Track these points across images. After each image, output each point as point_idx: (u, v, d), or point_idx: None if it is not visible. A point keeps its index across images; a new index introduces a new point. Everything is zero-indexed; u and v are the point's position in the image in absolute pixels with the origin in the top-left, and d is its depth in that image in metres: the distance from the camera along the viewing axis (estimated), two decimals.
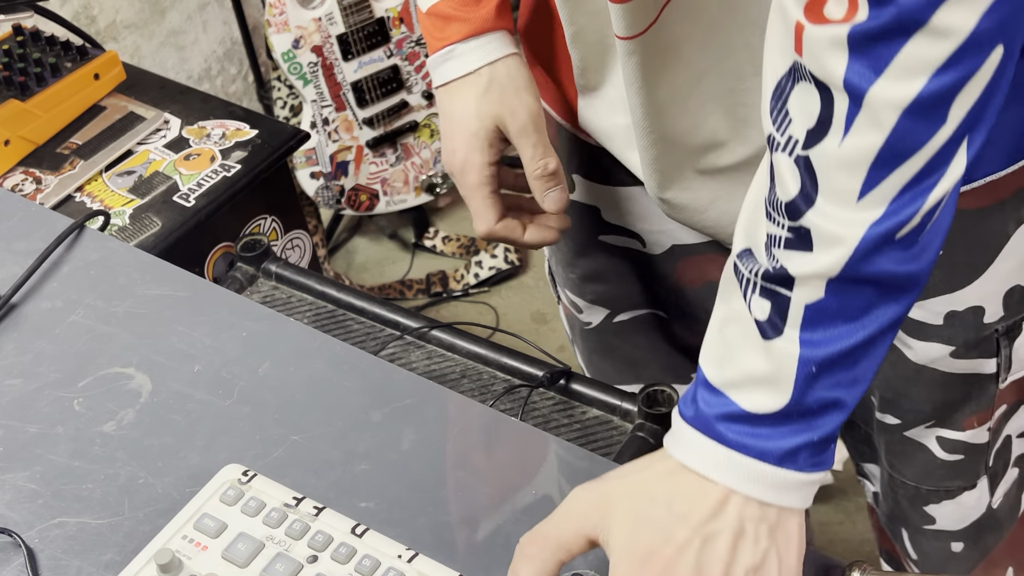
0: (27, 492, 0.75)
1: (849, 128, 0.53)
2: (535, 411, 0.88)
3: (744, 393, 0.59)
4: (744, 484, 0.59)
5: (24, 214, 0.98)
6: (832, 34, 0.52)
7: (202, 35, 2.38)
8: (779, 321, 0.58)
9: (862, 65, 0.51)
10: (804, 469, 0.59)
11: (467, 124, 0.87)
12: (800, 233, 0.56)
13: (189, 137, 1.39)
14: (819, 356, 0.57)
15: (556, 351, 2.06)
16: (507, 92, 0.86)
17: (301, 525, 0.68)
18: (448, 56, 0.87)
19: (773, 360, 0.58)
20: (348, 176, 2.10)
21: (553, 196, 0.87)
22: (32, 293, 0.90)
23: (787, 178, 0.56)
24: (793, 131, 0.55)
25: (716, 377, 0.60)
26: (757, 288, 0.58)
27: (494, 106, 0.86)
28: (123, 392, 0.81)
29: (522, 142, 0.87)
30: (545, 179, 0.87)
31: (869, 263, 0.55)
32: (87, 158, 1.35)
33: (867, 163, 0.53)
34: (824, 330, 0.57)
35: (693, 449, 0.60)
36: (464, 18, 0.86)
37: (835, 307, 0.56)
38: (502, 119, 0.87)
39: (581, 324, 1.06)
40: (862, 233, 0.54)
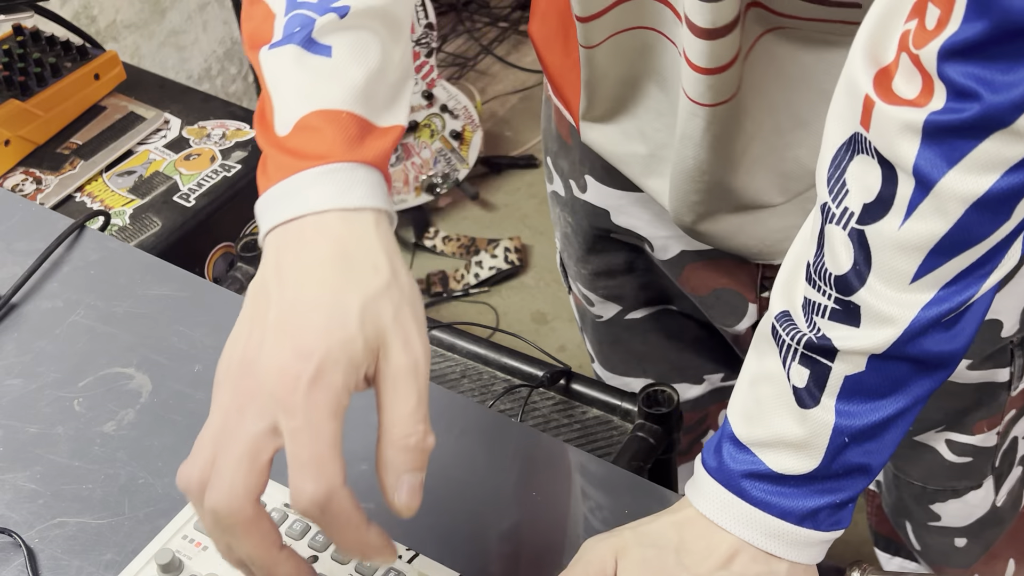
0: (27, 492, 0.75)
1: (912, 212, 0.53)
2: (535, 411, 0.88)
3: (773, 454, 0.60)
4: (762, 540, 0.60)
5: (24, 214, 0.98)
6: (906, 118, 0.51)
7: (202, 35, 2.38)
8: (817, 390, 0.58)
9: (935, 154, 0.51)
10: (823, 528, 0.60)
11: (337, 317, 0.54)
12: (849, 308, 0.56)
13: (189, 137, 1.39)
14: (853, 427, 0.58)
15: (556, 351, 2.06)
16: (399, 293, 0.56)
17: (301, 525, 0.68)
18: (316, 181, 0.56)
19: (807, 427, 0.59)
20: None
21: (412, 485, 0.55)
22: (32, 293, 0.90)
23: (839, 251, 0.56)
24: (849, 203, 0.55)
25: (745, 434, 0.61)
26: (797, 356, 0.59)
27: (383, 312, 0.55)
28: (123, 392, 0.81)
29: (402, 386, 0.55)
30: (414, 454, 0.55)
31: (915, 344, 0.56)
32: (87, 158, 1.35)
33: (926, 249, 0.53)
34: (860, 402, 0.58)
35: (714, 501, 0.61)
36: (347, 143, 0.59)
37: (874, 381, 0.57)
38: (386, 339, 0.55)
39: (592, 316, 1.06)
40: (914, 315, 0.55)
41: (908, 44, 0.52)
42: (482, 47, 2.73)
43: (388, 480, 0.55)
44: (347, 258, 0.55)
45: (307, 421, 0.52)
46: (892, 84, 0.53)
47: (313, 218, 0.55)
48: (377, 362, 0.55)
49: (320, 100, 0.59)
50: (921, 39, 0.51)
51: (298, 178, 0.56)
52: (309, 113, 0.58)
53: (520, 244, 2.27)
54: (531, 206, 2.40)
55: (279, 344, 0.54)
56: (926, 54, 0.50)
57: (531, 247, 2.30)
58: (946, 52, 0.49)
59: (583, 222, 0.97)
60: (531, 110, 2.65)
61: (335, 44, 0.61)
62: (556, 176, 0.98)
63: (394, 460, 0.55)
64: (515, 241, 2.26)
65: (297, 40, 0.60)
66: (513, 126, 2.61)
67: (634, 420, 0.86)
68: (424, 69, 2.14)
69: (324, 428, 0.53)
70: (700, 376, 1.06)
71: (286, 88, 0.60)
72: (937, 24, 0.50)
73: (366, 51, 0.61)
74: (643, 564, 0.61)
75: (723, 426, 0.63)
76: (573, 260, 1.03)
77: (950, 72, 0.49)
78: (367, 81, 0.60)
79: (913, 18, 0.52)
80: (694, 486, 0.63)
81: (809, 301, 0.58)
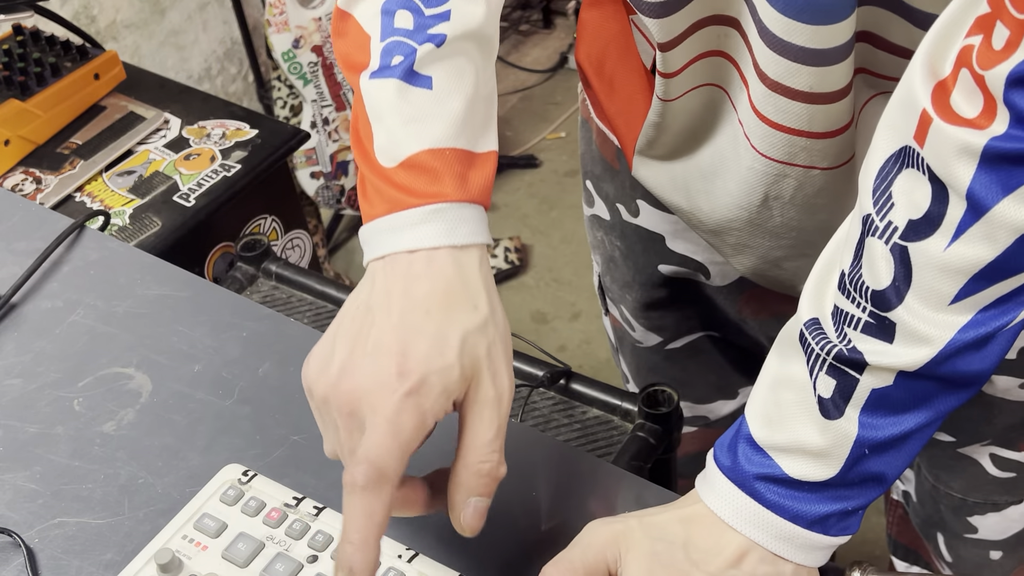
0: (27, 492, 0.75)
1: (959, 235, 0.52)
2: (535, 411, 0.88)
3: (791, 460, 0.59)
4: (771, 542, 0.60)
5: (24, 214, 0.98)
6: (965, 140, 0.50)
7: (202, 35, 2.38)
8: (842, 402, 0.58)
9: (991, 179, 0.50)
10: (832, 533, 0.60)
11: (438, 346, 0.58)
12: (884, 323, 0.56)
13: (189, 137, 1.39)
14: (875, 439, 0.58)
15: (556, 351, 2.06)
16: (495, 330, 0.61)
17: (301, 525, 0.68)
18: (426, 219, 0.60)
19: (829, 437, 0.58)
20: (348, 176, 2.10)
21: (478, 508, 0.59)
22: (32, 293, 0.90)
23: (880, 266, 0.55)
24: (894, 217, 0.54)
25: (763, 437, 0.60)
26: (825, 366, 0.58)
27: (479, 346, 0.59)
28: (123, 392, 0.81)
29: (486, 415, 0.59)
30: (486, 480, 0.59)
31: (947, 364, 0.55)
32: (87, 158, 1.35)
33: (970, 273, 0.52)
34: (883, 416, 0.57)
35: (727, 500, 0.61)
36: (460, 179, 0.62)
37: (900, 395, 0.57)
38: (479, 371, 0.59)
39: (632, 340, 1.05)
40: (950, 337, 0.54)
41: (972, 61, 0.50)
42: None
43: (457, 499, 0.59)
44: (451, 294, 0.59)
45: (391, 419, 0.56)
46: (950, 100, 0.51)
47: (424, 253, 0.60)
48: (468, 391, 0.59)
49: (426, 138, 0.61)
50: (987, 59, 0.49)
51: (408, 214, 0.60)
52: (418, 152, 0.61)
53: (520, 244, 2.27)
54: (531, 206, 2.40)
55: (379, 362, 0.58)
56: (993, 76, 0.49)
57: (531, 247, 2.30)
58: (1016, 79, 0.48)
59: (636, 247, 0.95)
60: (531, 110, 2.65)
61: (435, 75, 0.63)
62: (599, 200, 0.96)
63: (467, 482, 0.59)
64: (515, 241, 2.26)
65: (399, 74, 0.63)
66: (513, 126, 2.61)
67: (634, 420, 0.85)
68: None
69: (403, 430, 0.56)
70: (735, 391, 1.06)
71: (391, 122, 0.62)
72: (1007, 45, 0.48)
73: (462, 78, 0.64)
74: (652, 558, 0.60)
75: (739, 425, 0.62)
76: (618, 285, 1.01)
77: (1017, 99, 0.48)
78: (466, 111, 0.63)
79: (976, 33, 0.51)
80: (705, 482, 0.63)
81: (840, 311, 0.58)
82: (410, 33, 0.64)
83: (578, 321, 2.15)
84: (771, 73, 0.67)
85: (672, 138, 0.79)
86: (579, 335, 2.12)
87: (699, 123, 0.78)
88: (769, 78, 0.67)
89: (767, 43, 0.66)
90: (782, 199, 0.75)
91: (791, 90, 0.67)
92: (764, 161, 0.72)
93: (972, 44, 0.51)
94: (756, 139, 0.72)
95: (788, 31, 0.64)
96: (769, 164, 0.72)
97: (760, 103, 0.69)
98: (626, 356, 1.09)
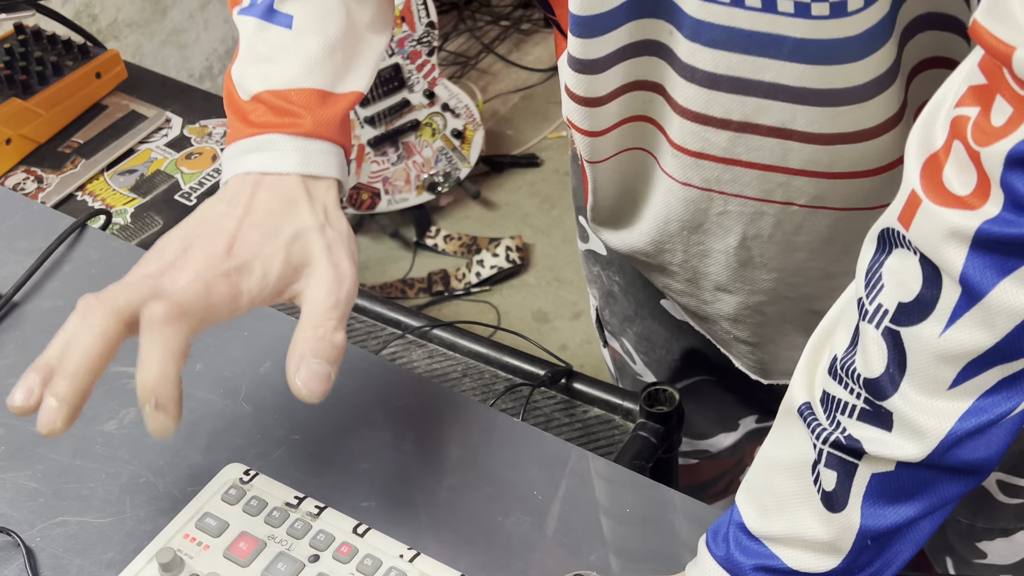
0: (28, 491, 0.75)
1: (955, 320, 0.49)
2: (536, 410, 0.88)
3: (790, 551, 0.57)
4: None
5: (25, 213, 0.98)
6: (955, 223, 0.47)
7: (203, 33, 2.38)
8: (844, 492, 0.55)
9: (985, 264, 0.47)
10: None
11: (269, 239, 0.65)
12: (880, 412, 0.53)
13: (191, 136, 1.39)
14: (878, 528, 0.55)
15: (558, 350, 2.06)
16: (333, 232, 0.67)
17: (303, 524, 0.68)
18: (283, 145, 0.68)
19: (832, 530, 0.56)
20: (349, 175, 2.10)
21: (313, 369, 0.62)
22: (33, 292, 0.90)
23: (872, 353, 0.52)
24: (883, 300, 0.51)
25: (758, 527, 0.58)
26: (824, 456, 0.55)
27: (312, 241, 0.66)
28: (125, 391, 0.81)
29: (324, 290, 0.64)
30: (321, 344, 0.62)
31: (949, 455, 0.52)
32: (89, 157, 1.35)
33: (968, 358, 0.49)
34: (885, 504, 0.54)
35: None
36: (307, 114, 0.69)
37: (901, 482, 0.54)
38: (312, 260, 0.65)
39: (633, 372, 1.04)
40: (950, 427, 0.51)
41: (967, 135, 0.47)
42: (483, 46, 2.73)
43: (291, 363, 0.62)
44: (293, 202, 0.66)
45: (207, 280, 0.62)
46: (942, 176, 0.48)
47: (274, 176, 0.67)
48: (304, 275, 0.65)
49: (274, 79, 0.68)
50: (985, 135, 0.46)
51: (261, 139, 0.68)
52: (263, 91, 0.68)
53: (522, 243, 2.27)
54: (532, 205, 2.40)
55: (216, 240, 0.64)
56: (989, 155, 0.45)
57: (533, 246, 2.30)
58: (1016, 159, 0.44)
59: (636, 281, 0.93)
60: (533, 109, 2.65)
61: (296, 13, 0.69)
62: (593, 236, 0.94)
63: (303, 344, 0.62)
64: (517, 240, 2.26)
65: (259, 12, 0.70)
66: (515, 125, 2.61)
67: (636, 419, 0.85)
68: (425, 68, 2.14)
69: (214, 292, 0.62)
70: (736, 423, 1.05)
71: (246, 59, 0.70)
72: (1008, 123, 0.45)
73: (325, 18, 0.69)
74: None
75: (730, 513, 0.60)
76: (619, 319, 0.99)
77: (1015, 182, 0.45)
78: (324, 51, 0.68)
79: (973, 104, 0.47)
80: (697, 569, 0.61)
81: (831, 397, 0.55)
82: None
83: (579, 320, 2.15)
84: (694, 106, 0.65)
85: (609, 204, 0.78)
86: (580, 334, 2.12)
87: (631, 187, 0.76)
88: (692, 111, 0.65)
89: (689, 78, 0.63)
90: (760, 238, 0.72)
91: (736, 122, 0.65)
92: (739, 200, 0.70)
93: (967, 116, 0.47)
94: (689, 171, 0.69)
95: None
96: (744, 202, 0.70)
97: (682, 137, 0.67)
98: (627, 386, 1.07)
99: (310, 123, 0.67)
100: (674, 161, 0.69)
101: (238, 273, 0.63)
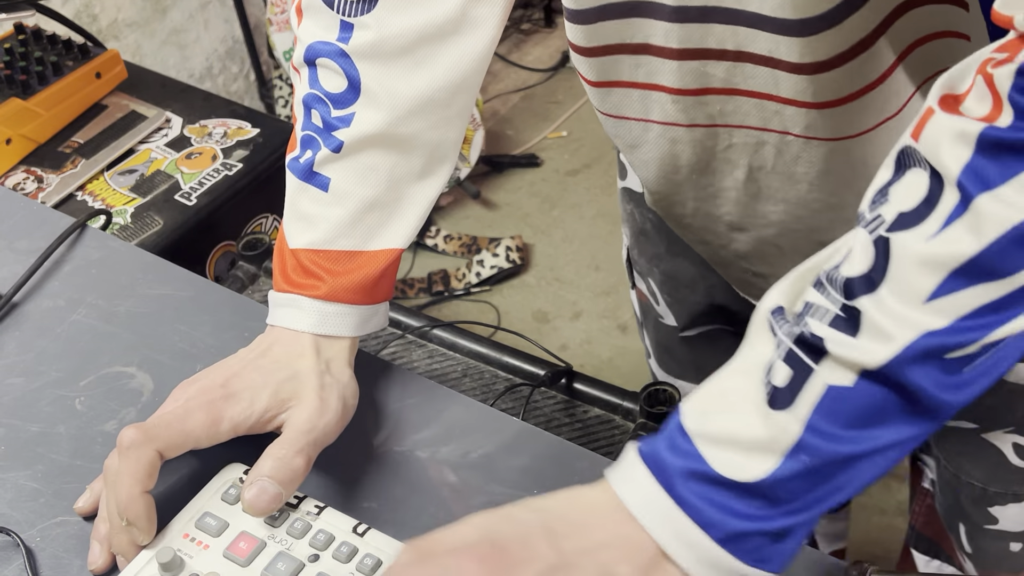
0: (28, 491, 0.75)
1: (946, 226, 0.49)
2: (536, 410, 0.88)
3: (721, 453, 0.53)
4: (675, 545, 0.54)
5: (26, 213, 0.98)
6: (961, 127, 0.49)
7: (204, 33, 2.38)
8: (793, 395, 0.53)
9: (985, 169, 0.48)
10: (744, 559, 0.53)
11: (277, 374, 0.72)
12: (851, 317, 0.52)
13: (191, 136, 1.39)
14: (818, 450, 0.52)
15: (558, 350, 2.06)
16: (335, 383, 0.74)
17: (302, 524, 0.68)
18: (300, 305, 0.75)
19: (769, 429, 0.53)
20: None
21: (264, 488, 0.67)
22: (34, 292, 0.90)
23: (857, 255, 0.52)
24: (884, 211, 0.52)
25: (695, 425, 0.55)
26: (784, 352, 0.53)
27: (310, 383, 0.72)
28: (125, 391, 0.81)
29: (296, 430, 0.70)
30: (278, 465, 0.68)
31: (910, 370, 0.50)
32: (89, 157, 1.34)
33: (950, 268, 0.49)
34: (833, 425, 0.52)
35: (634, 486, 0.55)
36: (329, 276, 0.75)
37: (855, 404, 0.52)
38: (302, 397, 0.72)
39: (656, 315, 1.06)
40: (914, 337, 0.50)
41: (986, 68, 0.50)
42: None
43: (249, 476, 0.68)
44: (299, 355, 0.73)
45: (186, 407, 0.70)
46: (961, 105, 0.50)
47: (291, 332, 0.75)
48: (289, 409, 0.71)
49: (309, 238, 0.75)
50: (1000, 63, 0.49)
51: (288, 297, 0.75)
52: (299, 248, 0.75)
53: (522, 243, 2.27)
54: (533, 205, 2.40)
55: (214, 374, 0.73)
56: (1000, 74, 0.48)
57: (533, 246, 2.30)
58: (1021, 71, 0.47)
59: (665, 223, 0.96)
60: (532, 109, 2.65)
61: (334, 176, 0.75)
62: (631, 172, 0.97)
63: (264, 463, 0.68)
64: (517, 240, 2.26)
65: (300, 173, 0.76)
66: (515, 125, 2.61)
67: (636, 419, 0.85)
68: None
69: (191, 418, 0.69)
70: None
71: (290, 213, 0.77)
72: (1014, 48, 0.48)
73: (364, 179, 0.75)
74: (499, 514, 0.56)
75: (672, 416, 0.57)
76: (646, 258, 1.02)
77: (1018, 93, 0.47)
78: (356, 214, 0.75)
79: (1004, 52, 0.50)
80: (617, 468, 0.57)
81: (809, 304, 0.54)
82: (320, 131, 0.75)
83: (580, 320, 2.15)
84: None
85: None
86: (581, 334, 2.12)
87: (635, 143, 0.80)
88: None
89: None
90: (764, 169, 0.75)
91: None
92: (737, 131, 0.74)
93: (992, 58, 0.50)
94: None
95: None
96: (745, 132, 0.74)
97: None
98: (649, 331, 1.10)
99: (326, 289, 0.74)
100: (674, 107, 0.73)
101: (224, 401, 0.70)
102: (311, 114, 0.76)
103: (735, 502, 0.53)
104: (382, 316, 0.78)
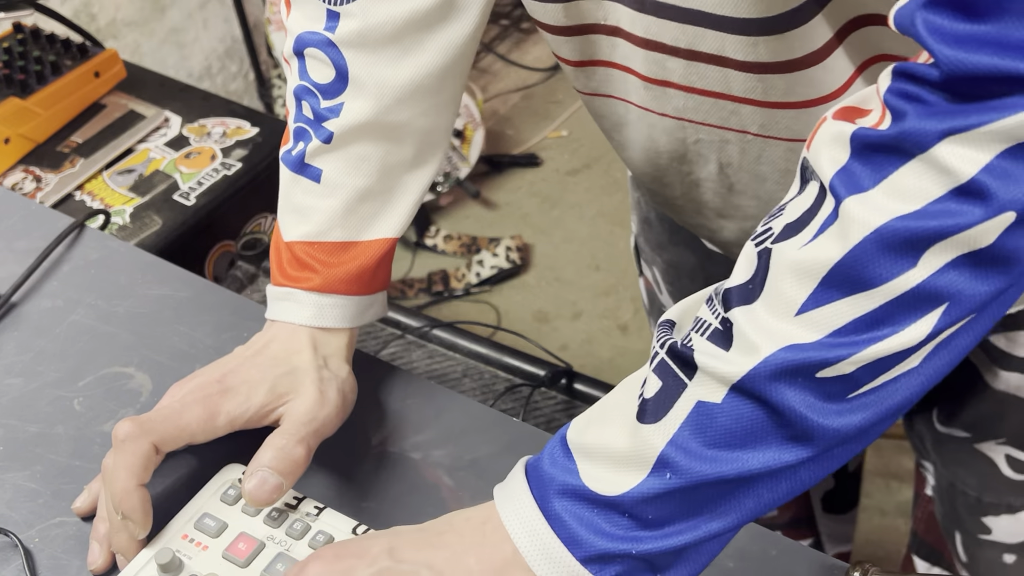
0: (27, 491, 0.74)
1: (819, 234, 0.48)
2: (537, 410, 0.88)
3: (592, 467, 0.52)
4: (540, 561, 0.53)
5: (24, 213, 0.98)
6: (838, 130, 0.48)
7: (203, 33, 2.38)
8: (663, 408, 0.51)
9: (856, 172, 0.47)
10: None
11: (273, 370, 0.72)
12: (726, 327, 0.50)
13: (189, 135, 1.38)
14: (679, 466, 0.50)
15: (558, 350, 2.06)
16: (331, 376, 0.74)
17: (302, 525, 0.68)
18: (296, 298, 0.75)
19: (634, 443, 0.51)
20: None
21: (264, 478, 0.66)
22: (32, 292, 0.90)
23: (741, 266, 0.51)
24: (775, 224, 0.51)
25: (575, 437, 0.54)
26: (656, 362, 0.52)
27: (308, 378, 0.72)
28: (123, 392, 0.81)
29: (295, 421, 0.70)
30: (279, 456, 0.67)
31: (775, 386, 0.48)
32: (87, 156, 1.34)
33: (818, 276, 0.47)
34: (698, 442, 0.50)
35: (512, 501, 0.55)
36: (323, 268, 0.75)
37: (725, 421, 0.49)
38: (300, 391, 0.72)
39: (660, 303, 1.06)
40: (775, 349, 0.48)
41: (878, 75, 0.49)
42: (483, 45, 2.73)
43: (250, 466, 0.67)
44: (296, 352, 0.73)
45: (183, 401, 0.70)
46: (856, 118, 0.49)
47: (289, 326, 0.75)
48: (287, 403, 0.71)
49: (302, 230, 0.75)
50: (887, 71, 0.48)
51: (283, 290, 0.75)
52: (294, 241, 0.75)
53: (522, 243, 2.26)
54: (532, 205, 2.40)
55: (212, 370, 0.73)
56: (882, 76, 0.48)
57: (532, 246, 2.30)
58: (894, 70, 0.47)
59: None
60: (532, 108, 2.65)
61: (325, 167, 0.74)
62: None
63: (264, 453, 0.67)
64: (516, 240, 2.26)
65: (292, 165, 0.75)
66: (515, 124, 2.61)
67: None
68: None
69: (187, 413, 0.69)
70: None
71: (284, 205, 0.76)
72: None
73: (355, 169, 0.74)
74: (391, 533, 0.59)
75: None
76: (651, 246, 1.02)
77: (891, 93, 0.47)
78: (349, 204, 0.74)
79: None
80: (503, 486, 0.58)
81: (698, 319, 0.52)
82: (310, 122, 0.75)
83: (580, 320, 2.14)
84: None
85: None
86: (581, 334, 2.11)
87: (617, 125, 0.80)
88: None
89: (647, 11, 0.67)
90: (732, 166, 0.75)
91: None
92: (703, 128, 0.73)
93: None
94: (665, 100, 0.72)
95: None
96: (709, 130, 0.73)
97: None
98: (655, 319, 1.10)
99: (319, 281, 0.74)
100: (647, 93, 0.73)
101: (221, 395, 0.70)
102: (302, 106, 0.75)
103: (602, 520, 0.51)
104: (380, 305, 0.78)
